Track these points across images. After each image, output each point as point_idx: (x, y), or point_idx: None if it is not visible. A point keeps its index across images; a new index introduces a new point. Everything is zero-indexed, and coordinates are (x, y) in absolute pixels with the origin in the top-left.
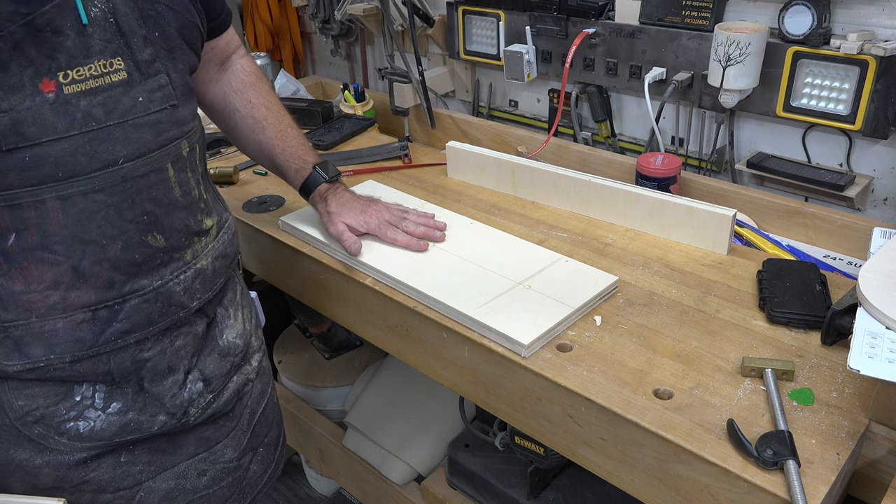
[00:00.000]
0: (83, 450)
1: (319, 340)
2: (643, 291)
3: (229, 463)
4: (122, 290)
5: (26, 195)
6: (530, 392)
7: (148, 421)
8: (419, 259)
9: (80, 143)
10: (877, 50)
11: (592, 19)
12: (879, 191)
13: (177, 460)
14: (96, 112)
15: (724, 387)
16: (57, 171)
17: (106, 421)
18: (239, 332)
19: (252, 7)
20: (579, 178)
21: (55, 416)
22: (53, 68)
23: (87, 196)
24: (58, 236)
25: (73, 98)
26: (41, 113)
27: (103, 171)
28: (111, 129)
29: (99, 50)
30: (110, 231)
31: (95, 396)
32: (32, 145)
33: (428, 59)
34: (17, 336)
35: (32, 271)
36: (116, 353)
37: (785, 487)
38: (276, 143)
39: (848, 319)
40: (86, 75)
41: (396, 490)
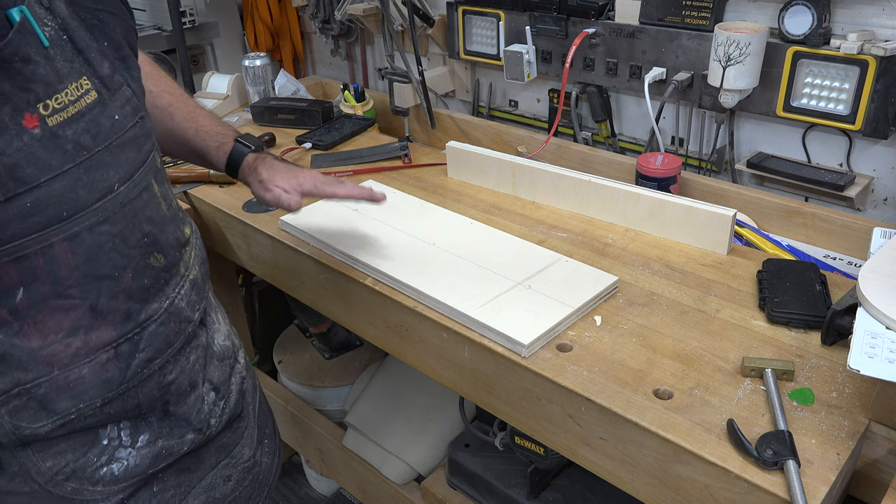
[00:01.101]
0: (119, 491)
1: (319, 340)
2: (643, 291)
3: (247, 462)
4: (139, 319)
5: (32, 243)
6: (530, 392)
7: (178, 443)
8: (419, 259)
9: (77, 176)
10: (877, 50)
11: (592, 19)
12: (879, 191)
13: (203, 474)
14: (84, 140)
15: (724, 387)
16: (61, 210)
17: (138, 456)
18: (225, 333)
19: (252, 7)
20: (579, 178)
21: (87, 466)
22: (32, 101)
23: (94, 230)
24: (70, 279)
25: (58, 129)
26: (32, 152)
27: (103, 201)
28: (101, 155)
29: (66, 72)
30: (120, 261)
31: (122, 435)
32: (32, 188)
33: (428, 59)
34: (41, 395)
35: (48, 322)
36: (143, 384)
37: (785, 487)
38: (188, 125)
39: (848, 319)
40: (64, 102)
41: (396, 490)
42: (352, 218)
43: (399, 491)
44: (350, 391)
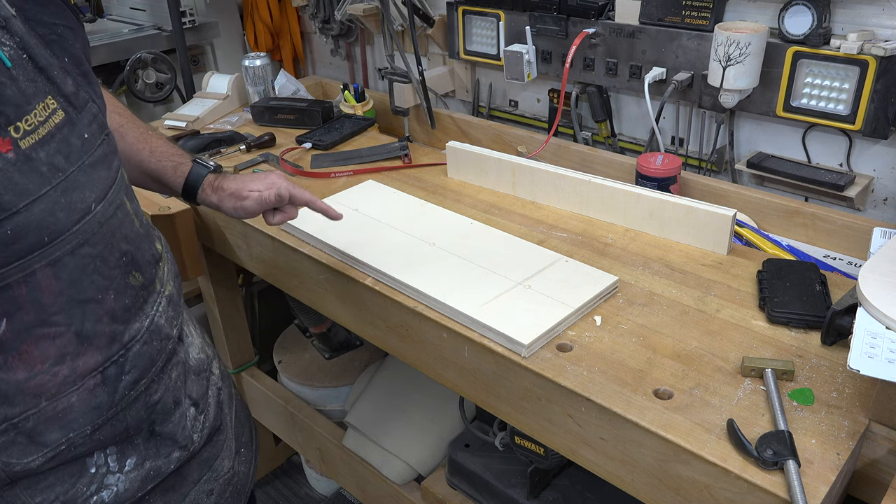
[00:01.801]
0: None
1: (319, 340)
2: (643, 291)
3: (227, 473)
4: (123, 340)
5: (14, 272)
6: (530, 392)
7: (164, 463)
8: (419, 259)
9: (55, 199)
10: (877, 50)
11: (592, 19)
12: (879, 191)
13: (186, 490)
14: (58, 161)
15: (724, 387)
16: (42, 235)
17: (126, 480)
18: (199, 346)
19: (252, 7)
20: (579, 178)
21: (77, 497)
22: (3, 124)
23: (75, 253)
24: (55, 306)
25: (32, 152)
26: (9, 176)
27: (82, 222)
28: (76, 175)
29: (32, 93)
30: (102, 283)
31: (109, 461)
32: (11, 215)
33: (428, 59)
34: (29, 428)
35: (34, 352)
36: (130, 406)
37: (785, 487)
38: (142, 146)
39: (848, 319)
40: (34, 123)
41: (396, 490)
42: (352, 218)
43: (399, 491)
44: (350, 391)
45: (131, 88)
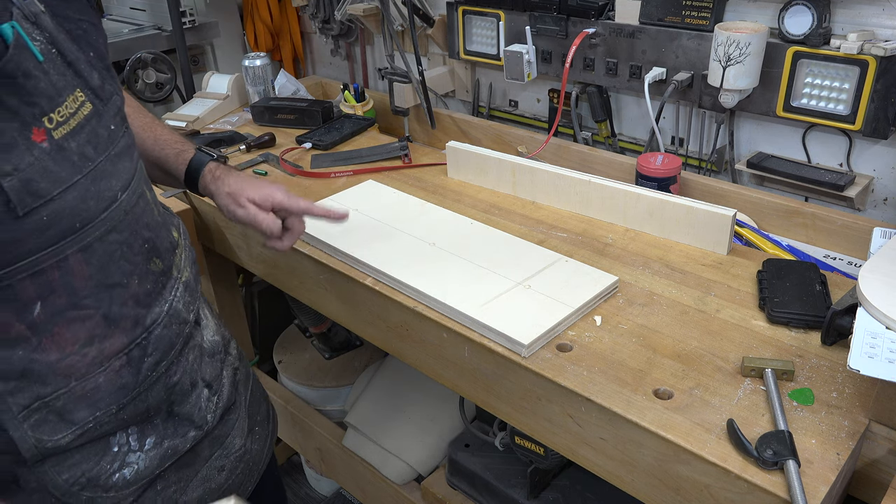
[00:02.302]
0: (129, 495)
1: (319, 340)
2: (643, 291)
3: (239, 451)
4: (145, 323)
5: (48, 257)
6: (530, 392)
7: (181, 442)
8: (419, 259)
9: (86, 187)
10: (877, 50)
11: (592, 19)
12: (879, 191)
13: (198, 467)
14: (87, 151)
15: (724, 387)
16: (74, 222)
17: (146, 458)
18: (213, 328)
19: (252, 7)
20: (579, 178)
21: (101, 475)
22: (38, 115)
23: (104, 239)
24: (85, 289)
25: (64, 142)
26: (44, 165)
27: (109, 210)
28: (104, 165)
29: (62, 86)
30: (127, 268)
31: (130, 440)
32: (47, 202)
33: (428, 59)
34: (60, 406)
35: (65, 334)
36: (152, 387)
37: (785, 487)
38: (146, 135)
39: (848, 319)
40: (66, 115)
41: (396, 490)
42: (352, 218)
43: (399, 491)
44: (350, 391)
45: (131, 88)
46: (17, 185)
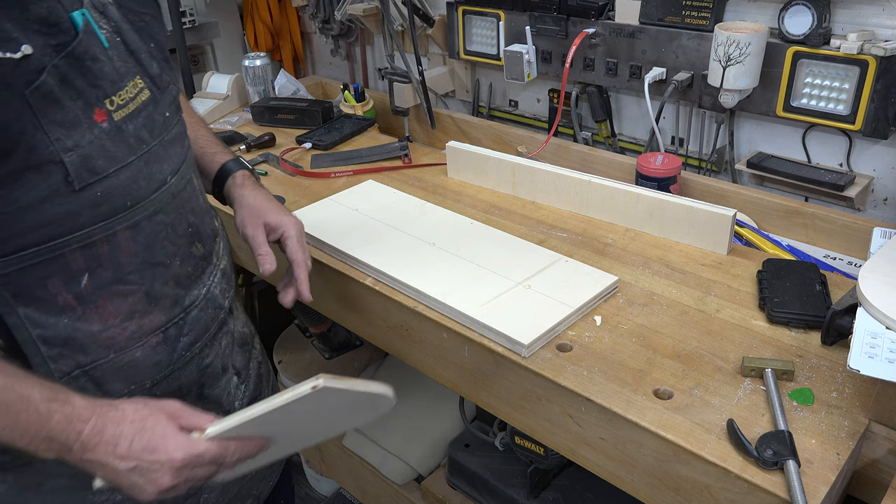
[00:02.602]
0: None
1: (319, 340)
2: (643, 291)
3: None
4: (184, 304)
5: (98, 232)
6: (530, 392)
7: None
8: (419, 259)
9: (139, 168)
10: (877, 50)
11: (592, 19)
12: (879, 191)
13: None
14: (143, 134)
15: (724, 387)
16: (125, 200)
17: None
18: (244, 321)
19: (252, 7)
20: (579, 178)
21: None
22: (101, 97)
23: (151, 219)
24: (130, 266)
25: (122, 124)
26: (102, 144)
27: (159, 192)
28: (157, 149)
29: (124, 72)
30: (171, 249)
31: None
32: (102, 178)
33: (428, 59)
34: (98, 376)
35: (108, 307)
36: (185, 366)
37: (785, 487)
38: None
39: (848, 319)
40: (126, 99)
41: (396, 490)
42: (352, 218)
43: (399, 491)
44: None
45: None
46: (76, 160)
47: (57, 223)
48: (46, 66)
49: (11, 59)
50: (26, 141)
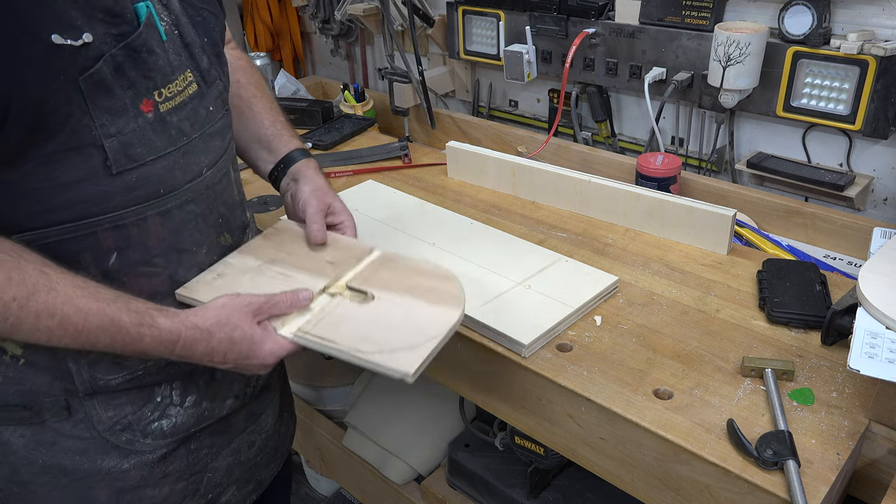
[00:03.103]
0: (164, 446)
1: None
2: (643, 291)
3: (269, 430)
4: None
5: (130, 215)
6: (530, 392)
7: (218, 407)
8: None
9: (176, 159)
10: (877, 50)
11: (592, 19)
12: (879, 191)
13: (231, 437)
14: (185, 126)
15: (724, 387)
16: (159, 188)
17: (184, 415)
18: None
19: (252, 7)
20: (579, 178)
21: (141, 420)
22: (150, 88)
23: (182, 208)
24: (157, 249)
25: (167, 115)
26: (144, 133)
27: (193, 183)
28: (196, 142)
29: (177, 65)
30: (198, 238)
31: (173, 394)
32: (139, 166)
33: (428, 59)
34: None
35: (132, 286)
36: None
37: (785, 487)
38: (266, 116)
39: (848, 319)
40: (174, 91)
41: (396, 490)
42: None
43: (399, 491)
44: (350, 391)
45: None
46: (116, 146)
47: (90, 203)
48: (104, 55)
49: (72, 46)
50: (72, 124)
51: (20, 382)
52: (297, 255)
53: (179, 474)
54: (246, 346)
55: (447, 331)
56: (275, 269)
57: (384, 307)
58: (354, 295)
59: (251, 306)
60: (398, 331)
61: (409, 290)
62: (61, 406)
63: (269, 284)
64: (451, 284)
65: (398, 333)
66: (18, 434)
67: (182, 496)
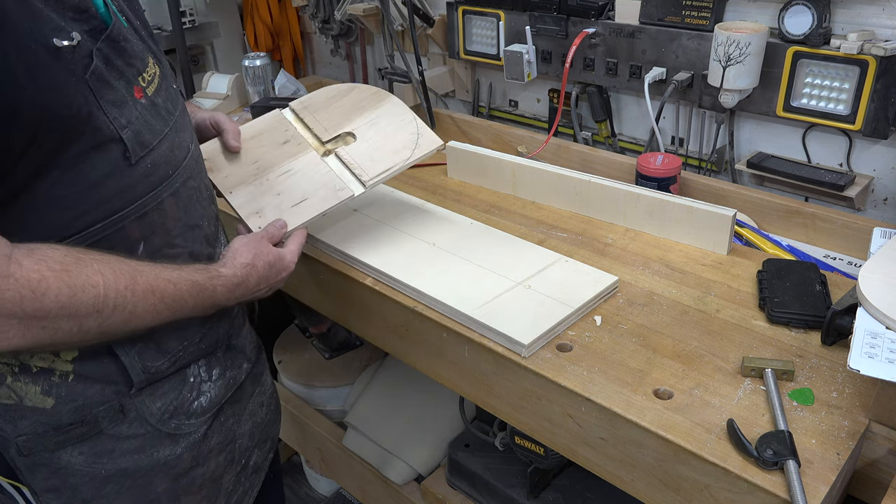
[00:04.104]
0: (205, 423)
1: (319, 340)
2: (643, 291)
3: (270, 388)
4: (213, 261)
5: (150, 201)
6: (530, 392)
7: (238, 373)
8: (419, 259)
9: (172, 138)
10: (877, 50)
11: (592, 19)
12: (879, 191)
13: (246, 402)
14: (169, 106)
15: (724, 387)
16: (168, 169)
17: (215, 388)
18: None
19: (252, 7)
20: (579, 178)
21: (184, 403)
22: (135, 75)
23: (186, 185)
24: (176, 230)
25: (154, 98)
26: (146, 119)
27: (187, 159)
28: (178, 119)
29: (141, 49)
30: (201, 211)
31: (201, 372)
32: (150, 151)
33: (428, 59)
34: (157, 337)
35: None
36: (220, 318)
37: (785, 487)
38: None
39: (848, 319)
40: (151, 74)
41: (396, 490)
42: (352, 218)
43: (399, 491)
44: (350, 391)
45: None
46: (131, 136)
47: (117, 197)
48: (92, 51)
49: (70, 46)
50: (93, 122)
51: (73, 399)
52: (263, 156)
53: (220, 447)
54: (277, 263)
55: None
56: (271, 176)
57: (364, 133)
58: (336, 142)
59: (265, 235)
60: (394, 135)
61: (350, 115)
62: (115, 409)
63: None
64: (360, 89)
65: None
66: (77, 452)
67: (224, 467)
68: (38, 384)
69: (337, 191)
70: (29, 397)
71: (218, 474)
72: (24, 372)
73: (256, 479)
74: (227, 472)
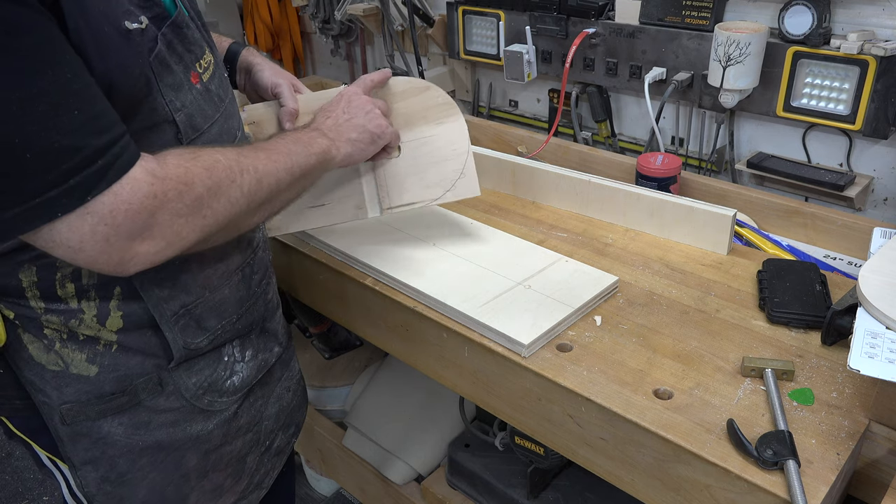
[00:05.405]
0: (235, 402)
1: (319, 340)
2: (643, 291)
3: (297, 374)
4: (253, 245)
5: None
6: (530, 392)
7: (269, 356)
8: (419, 259)
9: (221, 124)
10: (877, 50)
11: (592, 19)
12: (879, 191)
13: (274, 386)
14: (220, 93)
15: (724, 387)
16: None
17: (247, 368)
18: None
19: (252, 7)
20: (579, 178)
21: (217, 380)
22: (193, 61)
23: None
24: None
25: (209, 84)
26: (199, 104)
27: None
28: (229, 106)
29: (199, 37)
30: None
31: (235, 352)
32: (200, 134)
33: (428, 59)
34: (198, 314)
35: (205, 252)
36: (257, 302)
37: (785, 487)
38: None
39: (848, 319)
40: (208, 62)
41: (396, 490)
42: None
43: (399, 491)
44: (350, 391)
45: None
46: (184, 119)
47: None
48: (157, 35)
49: (139, 29)
50: (150, 102)
51: (116, 369)
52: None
53: (248, 427)
54: (373, 116)
55: (468, 140)
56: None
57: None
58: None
59: (359, 84)
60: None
61: (411, 122)
62: (154, 382)
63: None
64: (432, 92)
65: (442, 165)
66: (117, 423)
67: (250, 447)
68: (84, 352)
69: (356, 209)
70: (74, 364)
71: (244, 453)
72: (71, 339)
73: (278, 461)
74: (251, 452)
